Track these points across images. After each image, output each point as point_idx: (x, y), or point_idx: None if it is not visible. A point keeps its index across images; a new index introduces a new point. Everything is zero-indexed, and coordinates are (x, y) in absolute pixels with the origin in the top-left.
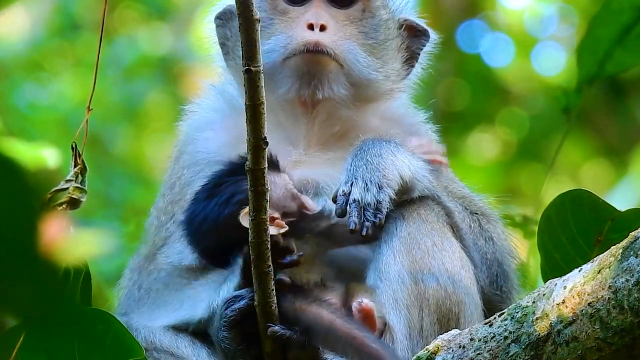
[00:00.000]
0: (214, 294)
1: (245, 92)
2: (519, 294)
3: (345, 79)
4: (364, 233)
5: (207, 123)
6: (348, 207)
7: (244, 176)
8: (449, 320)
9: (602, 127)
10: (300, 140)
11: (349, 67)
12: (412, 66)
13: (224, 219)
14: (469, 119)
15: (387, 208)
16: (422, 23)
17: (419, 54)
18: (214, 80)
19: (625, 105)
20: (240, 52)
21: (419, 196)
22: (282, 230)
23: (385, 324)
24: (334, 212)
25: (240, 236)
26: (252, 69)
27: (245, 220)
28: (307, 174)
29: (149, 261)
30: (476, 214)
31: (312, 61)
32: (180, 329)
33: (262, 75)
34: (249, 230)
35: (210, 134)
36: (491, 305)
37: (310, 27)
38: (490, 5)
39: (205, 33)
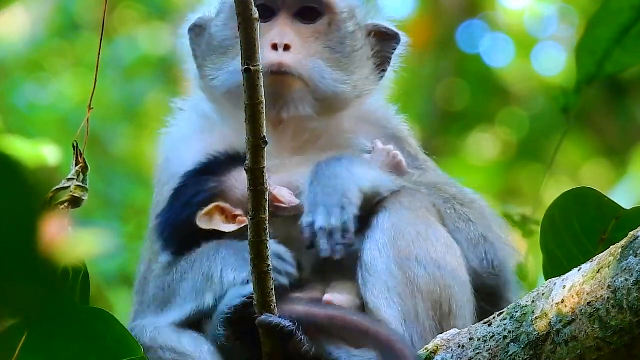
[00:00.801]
0: (207, 291)
1: (245, 92)
2: (513, 270)
3: (312, 97)
4: (337, 257)
5: (182, 141)
6: (315, 236)
7: (211, 176)
8: (441, 304)
9: (602, 127)
10: (272, 151)
11: (315, 85)
12: (385, 70)
13: (184, 221)
14: (469, 119)
15: (355, 226)
16: (391, 27)
17: (391, 58)
18: (188, 97)
19: (625, 105)
20: (207, 69)
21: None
22: (242, 226)
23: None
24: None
25: (203, 237)
26: (252, 68)
27: (202, 222)
28: (282, 178)
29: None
30: (450, 200)
31: (276, 82)
32: (184, 325)
33: (262, 74)
34: (248, 231)
35: (186, 153)
36: (487, 289)
37: (275, 47)
38: (490, 5)
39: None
